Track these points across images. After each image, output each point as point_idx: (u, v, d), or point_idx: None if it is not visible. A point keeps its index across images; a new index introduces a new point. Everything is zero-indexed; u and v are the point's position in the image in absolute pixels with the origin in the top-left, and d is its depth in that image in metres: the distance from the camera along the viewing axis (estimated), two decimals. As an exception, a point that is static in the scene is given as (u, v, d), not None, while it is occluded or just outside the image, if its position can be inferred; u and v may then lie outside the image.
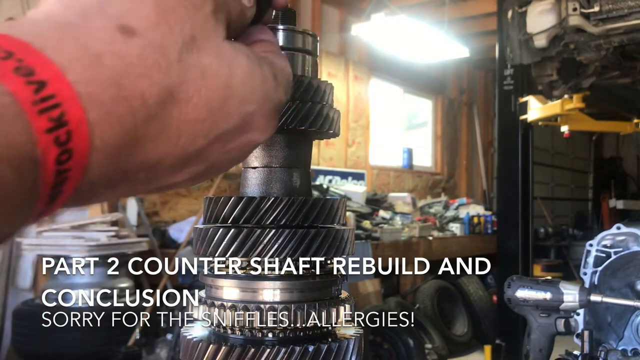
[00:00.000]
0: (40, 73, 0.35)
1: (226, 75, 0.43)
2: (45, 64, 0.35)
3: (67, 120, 0.35)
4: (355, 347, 0.62)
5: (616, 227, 1.44)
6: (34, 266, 4.59)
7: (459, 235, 7.69)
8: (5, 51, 0.35)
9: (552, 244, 9.97)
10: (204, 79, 0.42)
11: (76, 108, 0.36)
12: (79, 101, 0.36)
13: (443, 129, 10.13)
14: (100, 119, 0.37)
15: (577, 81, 4.68)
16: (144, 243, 4.56)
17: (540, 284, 1.28)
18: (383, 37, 6.63)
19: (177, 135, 0.41)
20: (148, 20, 0.40)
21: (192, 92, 0.41)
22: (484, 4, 7.28)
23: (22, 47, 0.35)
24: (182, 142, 0.42)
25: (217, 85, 0.43)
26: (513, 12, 4.55)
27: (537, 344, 1.30)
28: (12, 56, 0.35)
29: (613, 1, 3.81)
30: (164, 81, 0.40)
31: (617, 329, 1.37)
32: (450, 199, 8.87)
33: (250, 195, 0.62)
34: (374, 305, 5.39)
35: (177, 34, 0.41)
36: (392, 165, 9.02)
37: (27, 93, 0.34)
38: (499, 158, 5.85)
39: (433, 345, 5.72)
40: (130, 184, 0.42)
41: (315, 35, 0.65)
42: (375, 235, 6.05)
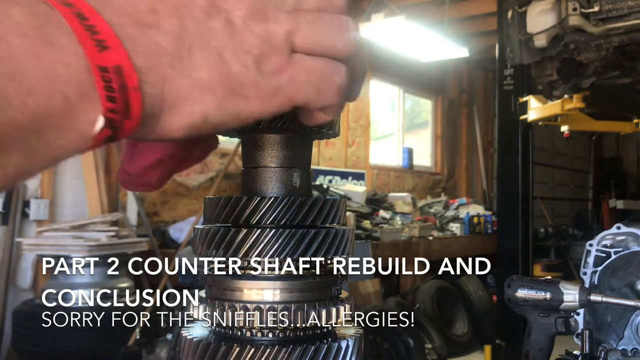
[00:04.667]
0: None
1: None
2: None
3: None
4: (355, 347, 0.62)
5: (616, 227, 1.44)
6: (34, 266, 4.59)
7: (459, 235, 7.69)
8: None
9: (552, 243, 9.97)
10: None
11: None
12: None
13: (443, 129, 10.13)
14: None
15: (577, 81, 4.68)
16: (144, 243, 4.56)
17: (540, 284, 1.28)
18: (383, 37, 6.63)
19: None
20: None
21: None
22: (484, 4, 7.28)
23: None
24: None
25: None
26: (513, 12, 4.55)
27: (537, 344, 1.30)
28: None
29: (613, 1, 3.81)
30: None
31: (617, 329, 1.37)
32: (450, 199, 8.87)
33: (250, 195, 0.62)
34: (374, 305, 5.40)
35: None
36: (392, 165, 9.02)
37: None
38: (499, 158, 5.85)
39: (433, 345, 5.72)
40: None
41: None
42: (375, 235, 6.05)
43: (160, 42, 0.42)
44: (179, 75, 0.43)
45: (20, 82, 0.37)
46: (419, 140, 9.90)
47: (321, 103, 0.49)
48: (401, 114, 9.32)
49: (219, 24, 0.44)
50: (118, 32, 0.41)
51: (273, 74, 0.45)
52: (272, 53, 0.45)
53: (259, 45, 0.45)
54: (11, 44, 0.37)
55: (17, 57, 0.37)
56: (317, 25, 0.48)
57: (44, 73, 0.38)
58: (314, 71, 0.47)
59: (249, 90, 0.45)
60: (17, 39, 0.37)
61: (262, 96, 0.46)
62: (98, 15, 0.40)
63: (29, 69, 0.37)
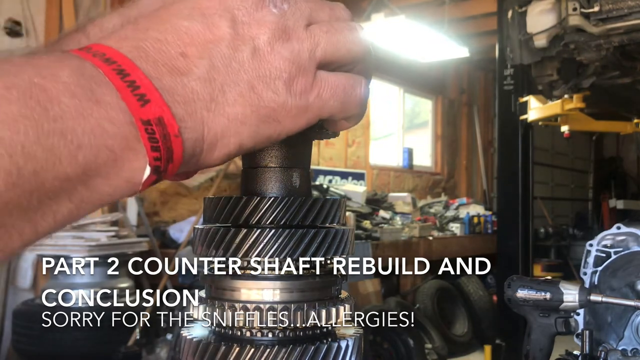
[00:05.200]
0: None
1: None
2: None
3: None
4: (355, 347, 0.62)
5: (616, 227, 1.44)
6: (34, 266, 4.59)
7: (459, 235, 7.69)
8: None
9: (552, 243, 9.97)
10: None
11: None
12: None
13: (443, 129, 10.13)
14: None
15: (577, 81, 4.68)
16: (144, 243, 4.55)
17: (540, 284, 1.27)
18: (383, 37, 6.63)
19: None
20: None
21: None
22: (484, 4, 7.27)
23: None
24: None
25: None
26: (513, 12, 4.55)
27: (537, 344, 1.30)
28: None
29: (613, 1, 3.81)
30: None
31: (617, 329, 1.37)
32: (450, 199, 8.87)
33: (250, 195, 0.62)
34: (374, 305, 5.39)
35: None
36: (392, 165, 9.02)
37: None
38: (499, 158, 5.84)
39: (433, 345, 5.72)
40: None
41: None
42: (375, 235, 6.05)
43: (195, 88, 0.45)
44: (216, 115, 0.46)
45: (70, 139, 0.40)
46: (419, 140, 9.89)
47: (345, 114, 0.53)
48: (401, 114, 9.32)
49: (247, 54, 0.47)
50: (156, 84, 0.44)
51: (301, 94, 0.48)
52: (300, 73, 0.48)
53: (287, 68, 0.48)
54: (62, 104, 0.40)
55: (67, 116, 0.40)
56: (333, 36, 0.51)
57: (92, 130, 0.41)
58: (338, 86, 0.50)
59: (280, 114, 0.48)
60: (67, 99, 0.40)
61: (293, 116, 0.49)
62: (137, 70, 0.43)
63: (78, 126, 0.40)
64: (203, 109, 0.45)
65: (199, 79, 0.45)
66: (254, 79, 0.47)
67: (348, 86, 0.51)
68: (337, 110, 0.52)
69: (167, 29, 0.46)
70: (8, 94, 0.39)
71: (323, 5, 0.53)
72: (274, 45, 0.47)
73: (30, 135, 0.39)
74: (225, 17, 0.47)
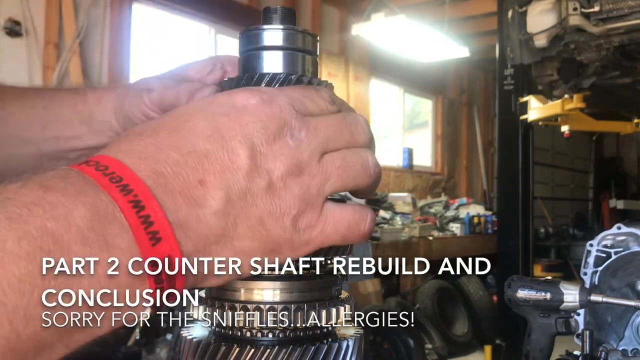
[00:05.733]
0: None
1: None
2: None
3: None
4: (355, 347, 0.62)
5: (616, 227, 1.44)
6: (34, 266, 4.59)
7: (459, 235, 7.69)
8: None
9: (553, 244, 9.97)
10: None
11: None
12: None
13: (443, 129, 10.13)
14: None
15: (578, 81, 4.68)
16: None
17: (541, 284, 1.27)
18: (383, 37, 6.62)
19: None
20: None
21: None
22: (484, 3, 7.27)
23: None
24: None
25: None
26: (513, 12, 4.55)
27: (538, 344, 1.30)
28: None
29: (613, 1, 3.81)
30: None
31: (618, 329, 1.37)
32: (451, 199, 8.87)
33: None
34: (374, 305, 5.39)
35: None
36: (392, 165, 9.01)
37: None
38: (499, 158, 5.84)
39: (433, 345, 5.72)
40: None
41: (315, 35, 0.64)
42: (375, 235, 6.05)
43: (210, 222, 0.46)
44: (223, 249, 0.47)
45: (74, 295, 0.41)
46: (419, 140, 9.89)
47: (345, 244, 0.54)
48: (401, 114, 9.32)
49: (261, 188, 0.48)
50: (171, 217, 0.44)
51: (306, 230, 0.50)
52: (307, 209, 0.49)
53: (296, 204, 0.49)
54: (72, 253, 0.40)
55: (72, 270, 0.40)
56: (344, 172, 0.52)
57: (98, 282, 0.41)
58: (342, 222, 0.51)
59: (283, 248, 0.50)
60: (78, 248, 0.40)
61: (294, 249, 0.51)
62: (153, 202, 0.44)
63: (85, 280, 0.41)
64: (213, 243, 0.46)
65: (215, 214, 0.46)
66: (265, 214, 0.48)
67: (353, 222, 0.52)
68: (338, 242, 0.53)
69: (188, 151, 0.46)
70: (18, 248, 0.38)
71: (342, 129, 0.53)
72: (286, 181, 0.48)
73: (35, 295, 0.39)
74: (245, 144, 0.47)
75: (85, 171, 0.44)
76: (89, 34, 4.85)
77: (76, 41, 4.70)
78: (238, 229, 0.47)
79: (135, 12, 5.31)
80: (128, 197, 0.43)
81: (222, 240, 0.47)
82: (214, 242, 0.46)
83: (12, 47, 4.47)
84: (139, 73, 5.25)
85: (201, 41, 6.10)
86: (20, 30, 4.50)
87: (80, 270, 0.41)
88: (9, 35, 4.46)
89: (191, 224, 0.45)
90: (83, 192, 0.42)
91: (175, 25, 5.82)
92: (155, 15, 5.61)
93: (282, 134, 0.49)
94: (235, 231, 0.47)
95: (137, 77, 0.91)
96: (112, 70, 4.99)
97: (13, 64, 4.44)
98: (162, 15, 5.67)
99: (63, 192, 0.41)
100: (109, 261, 0.41)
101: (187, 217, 0.45)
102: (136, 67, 5.28)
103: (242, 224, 0.47)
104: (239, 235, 0.47)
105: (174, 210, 0.44)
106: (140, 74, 5.69)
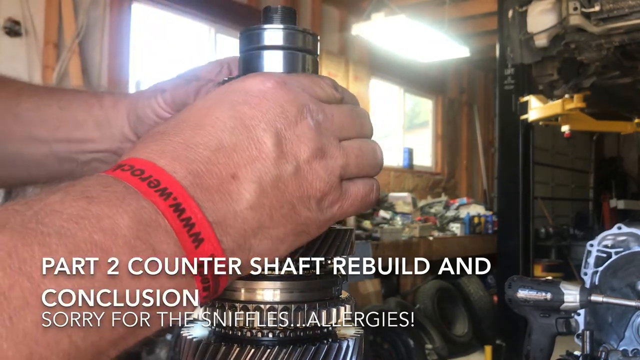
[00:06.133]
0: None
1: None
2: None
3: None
4: (355, 347, 0.62)
5: (617, 227, 1.44)
6: (34, 266, 4.58)
7: (459, 235, 7.69)
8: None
9: (553, 244, 9.97)
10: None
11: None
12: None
13: (443, 129, 10.12)
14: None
15: (578, 81, 4.68)
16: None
17: (541, 284, 1.27)
18: (383, 36, 6.62)
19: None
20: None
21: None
22: (484, 3, 7.27)
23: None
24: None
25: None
26: (513, 12, 4.55)
27: (538, 344, 1.30)
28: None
29: (614, 1, 3.81)
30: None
31: (618, 329, 1.36)
32: (451, 199, 8.87)
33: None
34: (374, 305, 5.39)
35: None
36: (392, 165, 9.01)
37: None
38: (500, 158, 5.84)
39: (433, 345, 5.72)
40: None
41: (315, 35, 0.64)
42: (375, 235, 6.05)
43: (246, 217, 0.47)
44: (262, 240, 0.49)
45: (124, 305, 0.42)
46: (419, 140, 9.89)
47: (358, 213, 0.58)
48: (401, 114, 9.32)
49: (290, 173, 0.49)
50: (209, 217, 0.45)
51: (328, 208, 0.52)
52: (330, 191, 0.51)
53: (322, 187, 0.51)
54: (121, 264, 0.41)
55: (124, 280, 0.41)
56: (361, 160, 0.54)
57: (148, 287, 0.42)
58: (357, 197, 0.54)
59: (310, 227, 0.52)
60: (126, 258, 0.41)
61: (319, 227, 0.53)
62: (192, 203, 0.44)
63: (134, 288, 0.42)
64: (251, 236, 0.48)
65: (250, 208, 0.47)
66: (295, 198, 0.49)
67: (365, 195, 0.55)
68: (353, 214, 0.56)
69: (217, 148, 0.47)
70: (70, 266, 0.39)
71: (354, 120, 0.55)
72: (312, 164, 0.50)
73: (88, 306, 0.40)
74: (270, 131, 0.48)
75: (123, 177, 0.44)
76: (89, 33, 4.85)
77: (76, 41, 4.70)
78: (273, 218, 0.48)
79: (135, 12, 5.31)
80: (168, 202, 0.44)
81: (259, 232, 0.48)
82: (252, 236, 0.47)
83: (11, 46, 4.47)
84: (139, 73, 5.25)
85: (201, 41, 6.10)
86: (19, 30, 4.50)
87: (131, 278, 0.41)
88: (8, 35, 4.46)
89: (229, 221, 0.46)
90: (126, 202, 0.43)
91: (175, 25, 5.82)
92: (155, 15, 5.61)
93: (302, 117, 0.50)
94: (271, 221, 0.48)
95: (136, 77, 0.92)
96: (112, 70, 4.99)
97: (12, 63, 4.44)
98: (162, 15, 5.67)
99: (107, 204, 0.42)
100: (158, 267, 0.42)
101: (224, 213, 0.46)
102: (136, 67, 5.27)
103: (276, 213, 0.48)
104: (275, 224, 0.48)
105: (212, 209, 0.45)
106: (140, 74, 5.65)
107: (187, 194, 0.44)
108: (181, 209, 0.44)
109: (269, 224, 0.48)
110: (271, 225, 0.48)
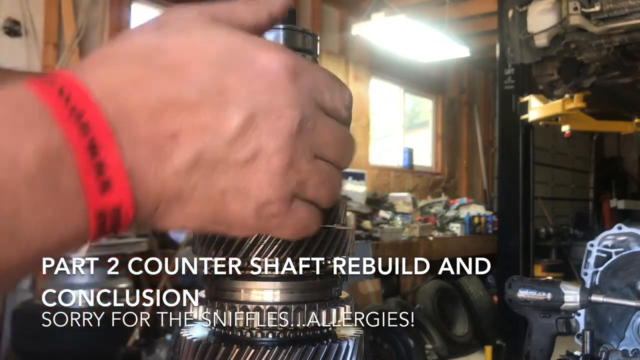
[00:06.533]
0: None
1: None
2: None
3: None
4: (355, 347, 0.62)
5: (617, 227, 1.44)
6: (34, 266, 4.58)
7: (459, 235, 7.69)
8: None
9: (553, 244, 9.97)
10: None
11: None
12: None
13: (443, 129, 10.12)
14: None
15: (578, 81, 4.68)
16: (144, 243, 4.55)
17: (541, 285, 1.27)
18: (383, 36, 6.62)
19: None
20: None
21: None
22: (484, 3, 7.27)
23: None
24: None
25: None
26: (514, 12, 4.55)
27: (538, 344, 1.30)
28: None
29: (614, 1, 3.81)
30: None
31: (618, 330, 1.36)
32: (451, 199, 8.87)
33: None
34: (374, 305, 5.39)
35: None
36: (392, 165, 9.01)
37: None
38: (500, 158, 5.84)
39: (433, 345, 5.72)
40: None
41: (315, 35, 0.64)
42: (375, 235, 6.05)
43: (167, 181, 0.41)
44: (173, 211, 0.43)
45: (19, 238, 0.37)
46: (419, 140, 9.89)
47: (290, 240, 0.54)
48: (401, 114, 9.31)
49: (239, 161, 0.43)
50: (128, 165, 0.40)
51: (265, 219, 0.45)
52: (276, 202, 0.45)
53: (270, 193, 0.44)
54: (18, 198, 0.37)
55: (21, 214, 0.37)
56: (324, 186, 0.48)
57: (43, 225, 0.38)
58: (301, 221, 0.47)
59: (234, 225, 0.45)
60: (25, 192, 0.37)
61: (244, 231, 0.47)
62: (112, 146, 0.39)
63: (30, 224, 0.38)
64: (165, 202, 0.42)
65: (176, 173, 0.41)
66: (231, 188, 0.43)
67: (309, 222, 0.48)
68: (286, 237, 0.50)
69: (172, 99, 0.41)
70: None
71: (341, 146, 0.50)
72: (271, 164, 0.43)
73: None
74: (244, 112, 0.42)
75: (46, 96, 0.39)
76: (89, 33, 4.85)
77: (75, 41, 4.71)
78: (194, 195, 0.43)
79: (135, 12, 5.31)
80: (86, 139, 0.39)
81: (174, 202, 0.42)
82: (166, 202, 0.42)
83: (11, 46, 4.48)
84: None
85: (201, 41, 6.09)
86: (19, 30, 4.50)
87: (28, 213, 0.38)
88: (8, 35, 4.46)
89: (148, 178, 0.41)
90: (36, 127, 0.38)
91: (175, 25, 5.82)
92: (155, 14, 5.61)
93: (289, 117, 0.44)
94: (191, 197, 0.42)
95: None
96: (112, 70, 4.99)
97: (12, 63, 4.44)
98: (162, 15, 5.67)
99: (12, 128, 0.37)
100: (58, 205, 0.38)
101: (146, 169, 0.41)
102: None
103: (200, 191, 0.43)
104: (194, 201, 0.43)
105: (134, 160, 0.40)
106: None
107: (110, 134, 0.39)
108: (96, 151, 0.39)
109: (188, 199, 0.43)
110: (190, 201, 0.43)
